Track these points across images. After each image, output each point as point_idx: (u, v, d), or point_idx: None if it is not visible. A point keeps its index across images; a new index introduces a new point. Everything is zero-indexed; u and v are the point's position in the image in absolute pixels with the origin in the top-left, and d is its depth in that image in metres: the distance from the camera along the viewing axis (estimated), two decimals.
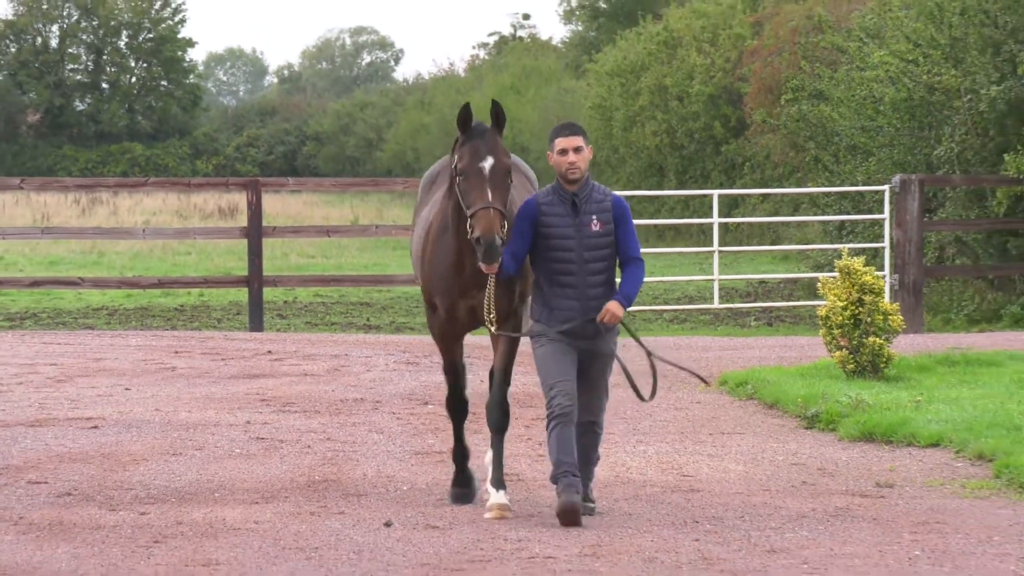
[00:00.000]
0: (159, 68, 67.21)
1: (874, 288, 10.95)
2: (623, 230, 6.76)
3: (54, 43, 66.74)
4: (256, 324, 15.95)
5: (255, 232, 16.05)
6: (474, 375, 11.45)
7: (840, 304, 10.91)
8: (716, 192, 18.28)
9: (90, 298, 20.62)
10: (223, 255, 27.26)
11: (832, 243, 20.04)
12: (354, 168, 62.79)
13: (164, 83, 67.30)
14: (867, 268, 11.07)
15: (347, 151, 64.32)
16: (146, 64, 67.52)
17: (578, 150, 6.74)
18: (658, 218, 29.11)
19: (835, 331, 10.97)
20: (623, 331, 6.91)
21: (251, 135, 66.77)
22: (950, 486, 7.70)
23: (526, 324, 6.94)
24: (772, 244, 26.72)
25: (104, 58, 67.08)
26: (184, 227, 27.35)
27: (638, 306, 18.21)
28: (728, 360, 12.80)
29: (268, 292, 19.04)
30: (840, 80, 21.52)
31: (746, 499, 7.32)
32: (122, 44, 67.55)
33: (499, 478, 6.99)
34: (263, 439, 8.94)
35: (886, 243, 17.09)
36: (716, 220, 17.70)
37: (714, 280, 18.00)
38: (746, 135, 32.32)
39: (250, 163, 64.38)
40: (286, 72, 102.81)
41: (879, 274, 11.44)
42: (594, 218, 6.73)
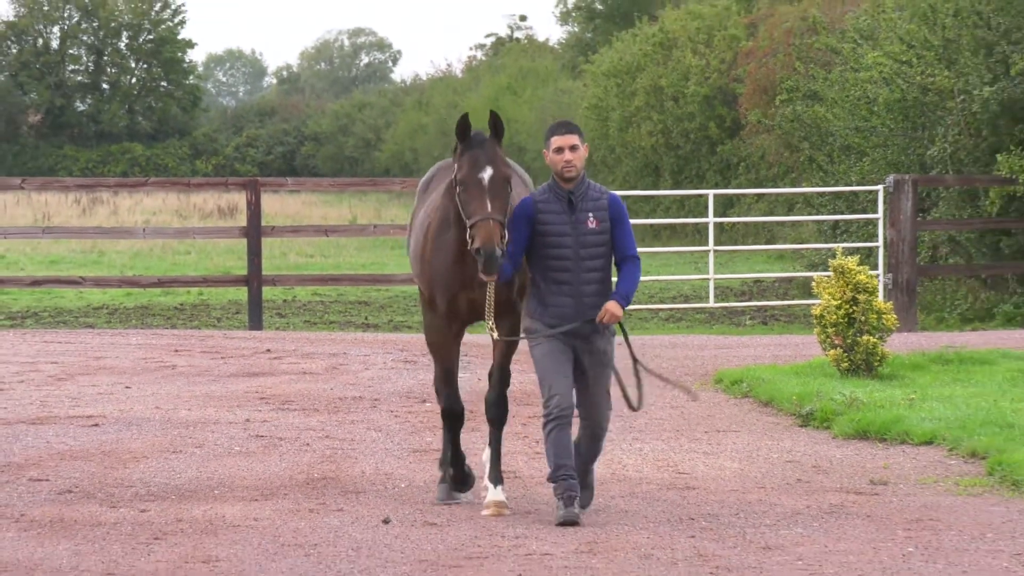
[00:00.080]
0: (159, 69, 67.51)
1: (868, 287, 11.00)
2: (620, 229, 6.76)
3: (55, 44, 67.07)
4: (255, 323, 15.99)
5: (254, 232, 16.09)
6: (472, 374, 11.57)
7: (834, 303, 10.96)
8: (711, 192, 18.34)
9: (91, 297, 20.64)
10: (222, 254, 27.29)
11: (826, 242, 20.09)
12: (352, 168, 62.97)
13: (164, 84, 67.62)
14: (861, 267, 11.11)
15: (345, 151, 64.50)
16: (146, 65, 67.82)
17: (574, 148, 6.74)
18: (654, 218, 29.16)
19: (829, 330, 11.01)
20: (618, 330, 6.91)
21: (250, 135, 67.00)
22: (943, 483, 7.74)
23: (524, 320, 6.94)
24: (767, 243, 26.78)
25: (104, 59, 67.41)
26: (184, 227, 27.40)
27: (634, 305, 18.24)
28: (723, 358, 12.83)
29: (267, 291, 19.08)
30: (834, 81, 21.60)
31: (741, 496, 7.36)
32: (122, 45, 67.92)
33: (497, 474, 7.02)
34: (262, 437, 8.97)
35: (880, 242, 17.16)
36: (711, 220, 17.76)
37: (709, 279, 18.06)
38: (741, 135, 32.40)
39: (249, 163, 64.58)
40: (285, 73, 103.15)
41: (873, 273, 11.51)
42: (590, 216, 6.72)
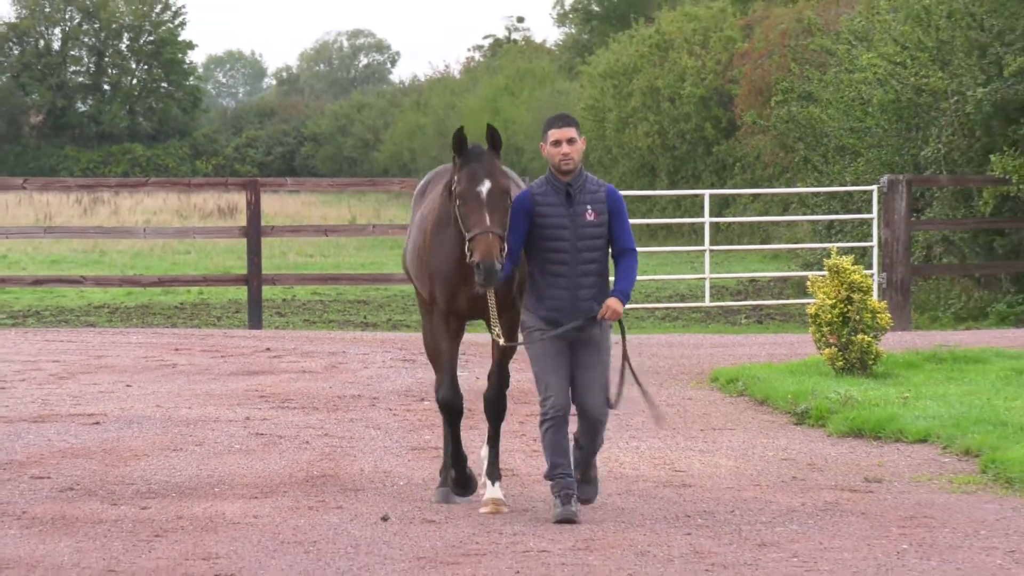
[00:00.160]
0: (159, 70, 67.81)
1: (862, 286, 11.05)
2: (617, 221, 6.74)
3: (56, 45, 67.36)
4: (255, 322, 16.03)
5: (254, 231, 16.14)
6: (470, 372, 11.61)
7: (829, 302, 11.00)
8: (707, 192, 18.39)
9: (92, 296, 20.69)
10: (222, 254, 27.35)
11: (821, 242, 20.16)
12: (351, 168, 63.20)
13: (164, 85, 67.92)
14: (856, 267, 11.16)
15: (344, 152, 64.70)
16: (147, 66, 68.11)
17: (571, 141, 6.71)
18: (650, 217, 29.21)
19: (824, 329, 11.06)
20: (616, 328, 6.90)
21: (250, 136, 67.25)
22: (937, 481, 7.77)
23: (521, 314, 6.90)
24: (762, 243, 26.84)
25: (105, 60, 67.71)
26: (184, 226, 27.45)
27: (630, 304, 18.23)
28: (719, 357, 12.87)
29: (267, 290, 19.13)
30: (829, 82, 21.67)
31: (737, 494, 7.39)
32: (123, 46, 68.23)
33: (495, 471, 7.05)
34: (262, 435, 8.99)
35: (874, 242, 17.23)
36: (707, 219, 17.82)
37: (705, 279, 18.11)
38: (737, 136, 32.47)
39: (249, 163, 64.82)
40: (284, 74, 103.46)
41: (867, 273, 11.54)
42: (588, 208, 6.70)
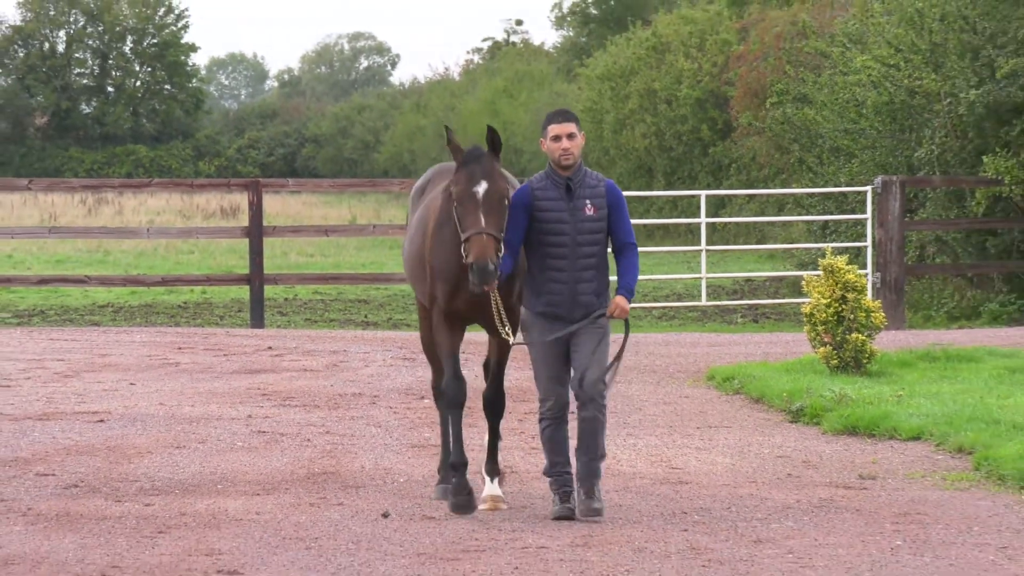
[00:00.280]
0: (163, 72, 68.11)
1: (857, 286, 11.10)
2: (617, 215, 6.74)
3: (61, 48, 67.63)
4: (257, 321, 16.10)
5: (256, 231, 16.20)
6: (469, 371, 11.66)
7: (824, 301, 11.05)
8: (703, 193, 18.46)
9: (96, 295, 20.73)
10: (225, 254, 27.41)
11: (816, 242, 20.24)
12: (352, 169, 63.46)
13: (168, 87, 68.19)
14: (850, 267, 11.21)
15: (345, 153, 64.91)
16: (150, 68, 68.40)
17: (571, 136, 6.71)
18: (647, 218, 29.25)
19: (819, 328, 11.11)
20: (619, 327, 6.88)
21: (252, 137, 67.47)
22: (931, 478, 7.82)
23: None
24: (758, 243, 26.90)
25: (109, 62, 67.94)
26: (187, 227, 27.47)
27: None
28: (715, 356, 12.91)
29: (269, 290, 19.17)
30: (824, 84, 21.75)
31: (733, 491, 7.43)
32: (127, 49, 68.48)
33: (494, 468, 7.09)
34: (264, 432, 9.04)
35: (868, 242, 17.29)
36: (704, 220, 17.89)
37: (702, 278, 18.19)
38: (732, 137, 32.57)
39: (251, 164, 65.04)
40: (286, 76, 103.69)
41: (862, 272, 11.61)
42: (588, 202, 6.70)
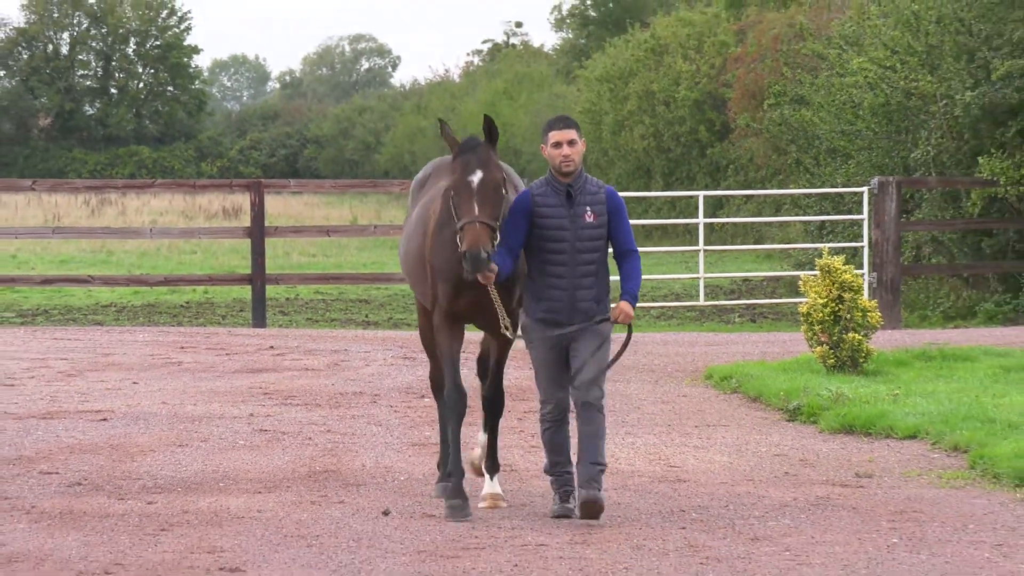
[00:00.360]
0: (166, 74, 68.51)
1: (853, 286, 11.14)
2: (618, 223, 6.72)
3: (64, 50, 67.99)
4: (259, 320, 16.14)
5: (258, 232, 16.25)
6: (469, 370, 11.69)
7: (821, 301, 11.09)
8: (701, 193, 18.51)
9: (99, 295, 20.80)
10: (227, 254, 27.49)
11: (813, 242, 20.28)
12: (353, 170, 63.71)
13: (170, 88, 68.53)
14: (846, 267, 11.24)
15: (346, 154, 65.14)
16: (153, 70, 68.79)
17: (572, 143, 6.69)
18: (646, 218, 29.31)
19: (816, 327, 11.15)
20: (620, 329, 6.88)
21: (254, 138, 67.76)
22: (927, 476, 7.85)
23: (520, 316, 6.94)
24: (755, 243, 26.95)
25: (113, 64, 68.28)
26: (189, 227, 27.53)
27: None
28: (713, 355, 12.94)
29: (270, 290, 19.25)
30: (820, 86, 21.81)
31: (731, 489, 7.47)
32: (130, 51, 68.88)
33: (493, 465, 7.12)
34: (266, 431, 9.07)
35: (865, 242, 17.35)
36: (701, 220, 17.94)
37: (699, 278, 18.25)
38: (730, 139, 32.64)
39: (253, 165, 65.30)
40: (288, 78, 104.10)
41: (858, 272, 11.66)
42: (588, 210, 6.68)
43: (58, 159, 63.29)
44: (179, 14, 69.38)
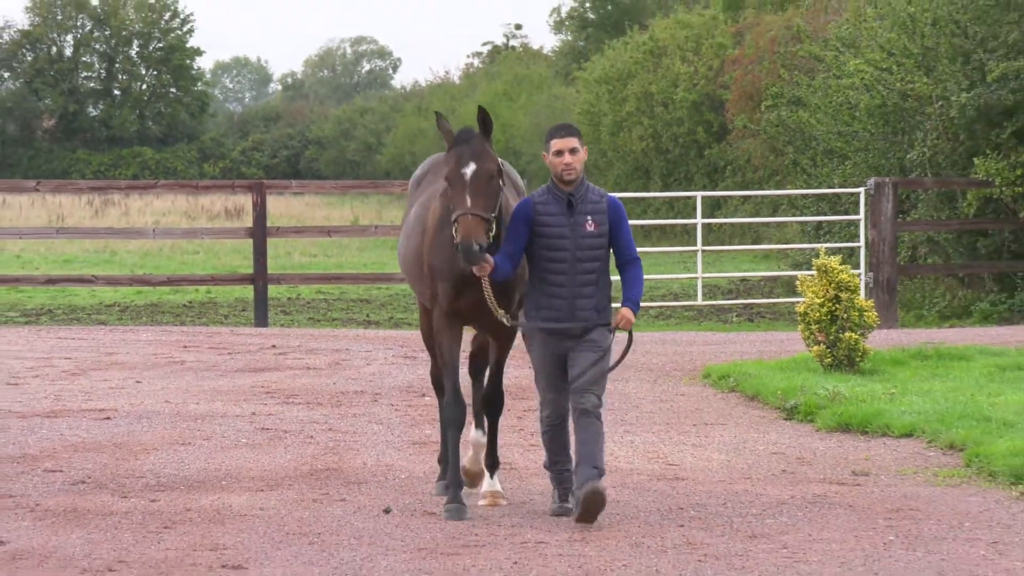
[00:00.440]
0: (168, 76, 68.85)
1: (850, 286, 11.19)
2: (620, 232, 6.70)
3: (68, 52, 68.38)
4: (261, 320, 16.20)
5: (260, 232, 16.29)
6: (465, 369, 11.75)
7: (818, 301, 11.14)
8: (699, 194, 18.55)
9: (103, 295, 20.86)
10: (229, 254, 27.56)
11: (810, 243, 20.35)
12: (354, 171, 63.91)
13: (173, 90, 68.91)
14: (843, 267, 11.28)
15: (347, 155, 65.34)
16: (156, 72, 69.17)
17: (574, 151, 6.67)
18: (644, 219, 29.36)
19: (813, 327, 11.19)
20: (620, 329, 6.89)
21: (256, 140, 68.02)
22: (923, 474, 7.88)
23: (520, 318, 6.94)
24: (753, 244, 27.01)
25: (116, 66, 68.70)
26: (192, 227, 27.55)
27: None
28: (711, 354, 12.97)
29: (272, 289, 19.34)
30: (817, 87, 21.88)
31: (728, 487, 7.50)
32: (133, 53, 69.30)
33: (493, 463, 7.16)
34: (268, 429, 9.10)
35: (861, 243, 17.41)
36: (699, 221, 17.98)
37: (698, 278, 18.30)
38: (728, 140, 32.72)
39: (255, 166, 65.57)
40: (289, 80, 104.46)
41: (855, 272, 11.69)
42: (589, 219, 6.66)
43: (62, 160, 63.52)
44: (182, 16, 69.76)
